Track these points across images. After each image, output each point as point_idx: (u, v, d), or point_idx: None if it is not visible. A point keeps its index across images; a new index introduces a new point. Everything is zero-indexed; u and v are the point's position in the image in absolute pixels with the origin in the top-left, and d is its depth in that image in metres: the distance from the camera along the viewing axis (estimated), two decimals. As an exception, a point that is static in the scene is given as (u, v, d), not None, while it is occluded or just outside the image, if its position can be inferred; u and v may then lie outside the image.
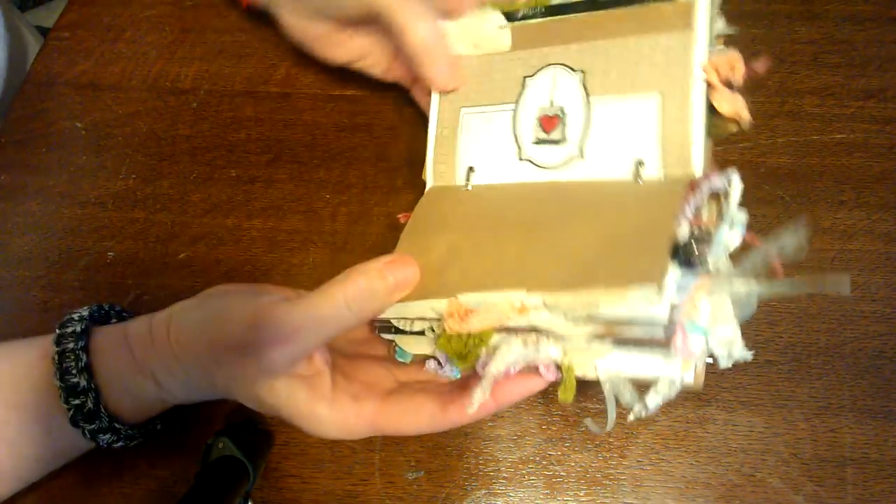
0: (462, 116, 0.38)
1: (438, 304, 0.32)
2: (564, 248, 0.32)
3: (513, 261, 0.32)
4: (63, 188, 0.49)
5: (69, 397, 0.33)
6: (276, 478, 0.39)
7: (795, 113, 0.47)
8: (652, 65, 0.33)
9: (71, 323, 0.35)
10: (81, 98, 0.52)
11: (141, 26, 0.55)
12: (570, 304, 0.29)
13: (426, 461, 0.39)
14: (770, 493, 0.38)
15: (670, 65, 0.33)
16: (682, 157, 0.32)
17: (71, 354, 0.34)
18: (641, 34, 0.33)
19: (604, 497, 0.38)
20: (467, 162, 0.38)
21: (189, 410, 0.39)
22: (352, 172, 0.48)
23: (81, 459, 0.39)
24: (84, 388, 0.33)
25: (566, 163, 0.35)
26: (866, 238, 0.43)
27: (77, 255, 0.47)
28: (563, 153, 0.35)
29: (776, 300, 0.42)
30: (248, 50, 0.53)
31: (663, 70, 0.33)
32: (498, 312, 0.30)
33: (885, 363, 0.40)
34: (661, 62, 0.33)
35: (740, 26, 0.50)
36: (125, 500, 0.39)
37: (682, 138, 0.32)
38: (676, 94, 0.32)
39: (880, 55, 0.48)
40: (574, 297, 0.29)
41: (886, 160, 0.45)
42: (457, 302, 0.31)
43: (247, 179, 0.48)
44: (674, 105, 0.32)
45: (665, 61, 0.33)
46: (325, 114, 0.50)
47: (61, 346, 0.34)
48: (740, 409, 0.39)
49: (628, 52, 0.34)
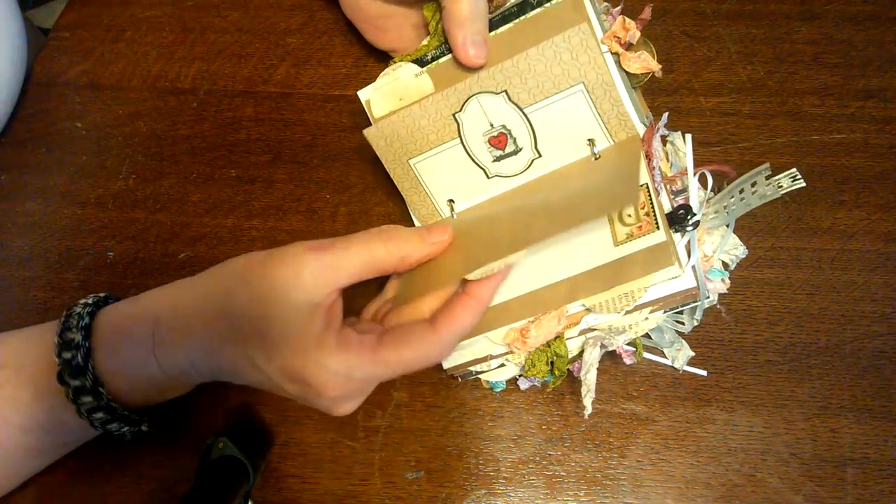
0: (414, 166, 0.40)
1: (495, 335, 0.36)
2: (555, 202, 0.36)
3: (507, 234, 0.36)
4: (63, 188, 0.49)
5: (62, 351, 0.33)
6: (276, 478, 0.39)
7: (795, 113, 0.47)
8: (562, 63, 0.36)
9: (85, 298, 0.37)
10: (81, 98, 0.52)
11: (141, 26, 0.55)
12: (609, 303, 0.34)
13: (426, 461, 0.40)
14: (770, 493, 0.38)
15: (579, 56, 0.36)
16: (623, 124, 0.37)
17: (75, 316, 0.35)
18: (539, 42, 0.36)
19: (604, 497, 0.38)
20: (445, 196, 0.41)
21: (189, 410, 0.39)
22: (352, 172, 0.48)
23: (81, 459, 0.39)
24: (77, 343, 0.33)
25: (529, 165, 0.39)
26: (866, 238, 0.43)
27: (77, 255, 0.47)
28: (523, 159, 0.39)
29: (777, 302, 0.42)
30: (248, 50, 0.53)
31: (574, 63, 0.36)
32: (548, 321, 0.35)
33: (885, 363, 0.40)
34: (568, 58, 0.36)
35: (740, 26, 0.50)
36: (125, 499, 0.39)
37: (616, 109, 0.37)
38: (595, 77, 0.36)
39: (880, 55, 0.48)
40: (611, 294, 0.34)
41: (886, 160, 0.45)
42: (513, 330, 0.36)
43: (247, 179, 0.48)
44: (597, 86, 0.37)
45: (572, 56, 0.36)
46: (325, 114, 0.50)
47: (70, 310, 0.35)
48: (740, 409, 0.39)
49: (534, 61, 0.37)
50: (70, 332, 0.34)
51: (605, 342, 0.36)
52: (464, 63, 0.38)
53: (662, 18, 0.50)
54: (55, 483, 0.40)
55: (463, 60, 0.38)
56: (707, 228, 0.37)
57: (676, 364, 0.39)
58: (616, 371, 0.41)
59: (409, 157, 0.40)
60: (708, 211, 0.37)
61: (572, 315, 0.35)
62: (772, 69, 0.48)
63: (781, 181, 0.34)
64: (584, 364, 0.35)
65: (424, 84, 0.39)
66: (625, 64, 0.37)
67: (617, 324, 0.35)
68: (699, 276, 0.34)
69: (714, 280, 0.37)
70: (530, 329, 0.35)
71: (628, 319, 0.35)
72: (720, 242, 0.37)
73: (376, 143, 0.40)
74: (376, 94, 0.40)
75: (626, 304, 0.34)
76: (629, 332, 0.36)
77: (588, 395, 0.35)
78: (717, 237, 0.38)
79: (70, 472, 0.40)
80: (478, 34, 0.38)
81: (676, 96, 0.48)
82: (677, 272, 0.33)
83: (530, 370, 0.36)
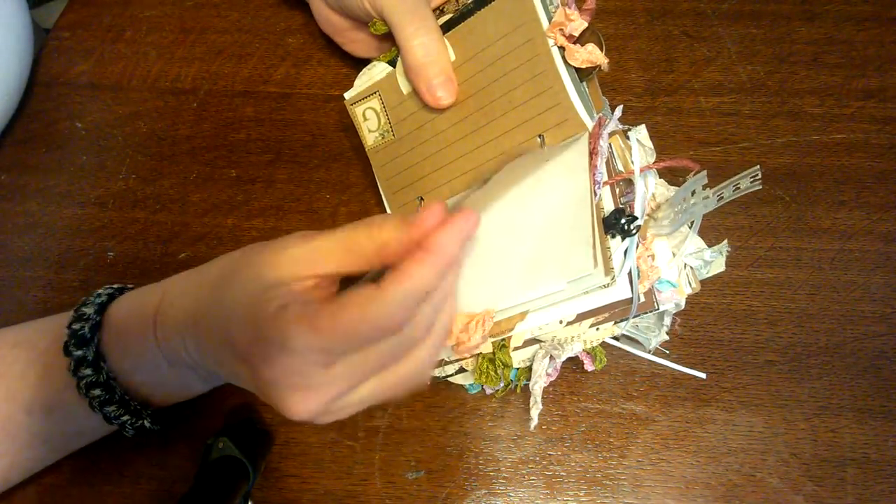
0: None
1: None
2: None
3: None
4: (63, 188, 0.49)
5: (73, 322, 0.35)
6: (276, 478, 0.39)
7: (795, 113, 0.47)
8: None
9: (105, 288, 0.38)
10: (81, 98, 0.52)
11: (141, 26, 0.55)
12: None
13: (426, 461, 0.39)
14: (770, 493, 0.38)
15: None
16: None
17: (94, 295, 0.36)
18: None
19: (604, 497, 0.38)
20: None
21: (189, 410, 0.39)
22: (352, 172, 0.48)
23: (81, 458, 0.39)
24: (88, 316, 0.35)
25: None
26: (866, 238, 0.43)
27: (77, 255, 0.47)
28: None
29: (777, 302, 0.42)
30: (248, 50, 0.53)
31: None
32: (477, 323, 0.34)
33: (885, 363, 0.40)
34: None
35: (740, 26, 0.50)
36: (125, 500, 0.39)
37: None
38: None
39: (880, 55, 0.48)
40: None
41: (886, 160, 0.45)
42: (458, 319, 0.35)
43: (247, 179, 0.48)
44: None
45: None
46: (325, 114, 0.50)
47: (93, 292, 0.37)
48: (740, 409, 0.39)
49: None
50: (86, 306, 0.35)
51: (555, 353, 0.35)
52: (434, 107, 0.38)
53: (662, 18, 0.50)
54: (55, 483, 0.40)
55: (433, 105, 0.38)
56: (658, 235, 0.35)
57: (649, 346, 0.39)
58: (616, 371, 0.41)
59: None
60: (661, 215, 0.35)
61: (507, 319, 0.35)
62: (772, 69, 0.48)
63: (740, 182, 0.30)
64: (533, 374, 0.35)
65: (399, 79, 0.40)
66: (569, 57, 0.35)
67: (561, 335, 0.35)
68: (634, 285, 0.32)
69: (664, 290, 0.34)
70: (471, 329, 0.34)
71: (572, 331, 0.35)
72: (682, 248, 0.35)
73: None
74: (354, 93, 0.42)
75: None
76: (577, 343, 0.35)
77: (535, 407, 0.35)
78: (679, 240, 0.35)
79: (70, 472, 0.40)
80: (439, 76, 0.37)
81: (676, 96, 0.48)
82: (609, 281, 0.31)
83: (479, 377, 0.37)
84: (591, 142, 0.34)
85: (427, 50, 0.37)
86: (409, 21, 0.37)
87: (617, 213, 0.32)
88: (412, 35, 0.37)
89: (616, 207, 0.33)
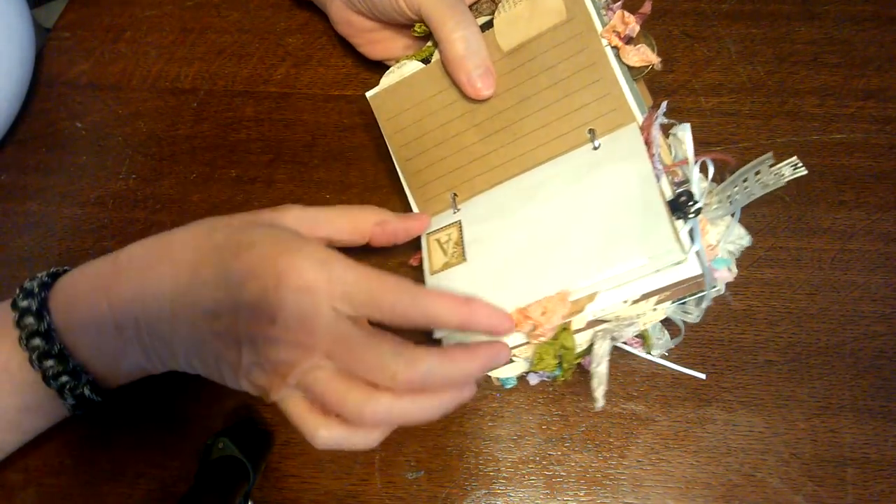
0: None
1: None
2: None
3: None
4: (63, 188, 0.49)
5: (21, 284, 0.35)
6: (276, 478, 0.39)
7: (795, 113, 0.47)
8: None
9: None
10: (81, 98, 0.52)
11: (141, 26, 0.55)
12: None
13: (426, 461, 0.40)
14: (770, 493, 0.38)
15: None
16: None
17: (37, 276, 0.36)
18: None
19: (604, 497, 0.38)
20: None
21: (189, 410, 0.39)
22: (352, 172, 0.48)
23: (81, 458, 0.39)
24: (35, 279, 0.35)
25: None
26: (866, 238, 0.43)
27: (77, 255, 0.47)
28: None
29: (777, 302, 0.42)
30: (248, 50, 0.53)
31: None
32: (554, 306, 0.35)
33: (885, 363, 0.40)
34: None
35: (740, 26, 0.50)
36: (125, 500, 0.39)
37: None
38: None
39: (880, 55, 0.48)
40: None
41: (886, 160, 0.45)
42: (516, 313, 0.35)
43: (247, 179, 0.48)
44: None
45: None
46: (325, 114, 0.50)
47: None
48: (740, 409, 0.39)
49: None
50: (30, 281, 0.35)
51: (616, 334, 0.36)
52: (475, 98, 0.39)
53: (662, 18, 0.50)
54: (55, 483, 0.40)
55: (473, 96, 0.39)
56: (710, 219, 0.37)
57: (654, 352, 0.39)
58: (616, 371, 0.41)
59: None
60: (711, 201, 0.37)
61: (577, 301, 0.35)
62: (772, 69, 0.48)
63: (783, 170, 0.34)
64: (595, 357, 0.35)
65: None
66: (624, 57, 0.37)
67: (624, 314, 0.35)
68: (703, 263, 0.34)
69: (720, 269, 0.37)
70: (531, 312, 0.35)
71: (636, 309, 0.35)
72: (725, 232, 0.37)
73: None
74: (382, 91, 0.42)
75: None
76: (638, 324, 0.36)
77: (600, 388, 0.35)
78: (723, 227, 0.38)
79: (70, 472, 0.40)
80: (479, 68, 0.39)
81: (676, 96, 0.48)
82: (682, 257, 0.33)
83: (538, 364, 0.36)
84: (643, 132, 0.37)
85: (468, 43, 0.39)
86: (450, 16, 0.39)
87: (682, 195, 0.34)
88: (453, 28, 0.39)
89: (677, 192, 0.35)
